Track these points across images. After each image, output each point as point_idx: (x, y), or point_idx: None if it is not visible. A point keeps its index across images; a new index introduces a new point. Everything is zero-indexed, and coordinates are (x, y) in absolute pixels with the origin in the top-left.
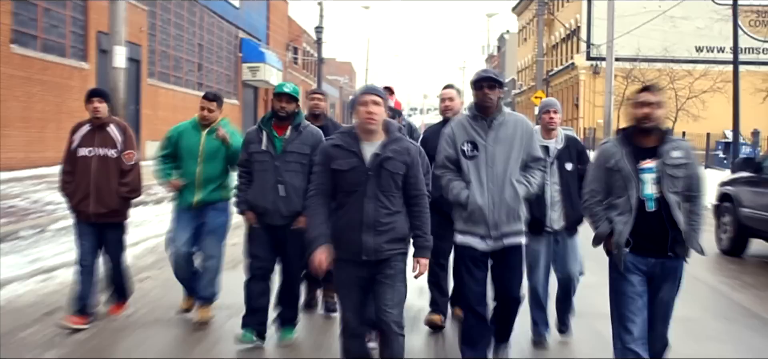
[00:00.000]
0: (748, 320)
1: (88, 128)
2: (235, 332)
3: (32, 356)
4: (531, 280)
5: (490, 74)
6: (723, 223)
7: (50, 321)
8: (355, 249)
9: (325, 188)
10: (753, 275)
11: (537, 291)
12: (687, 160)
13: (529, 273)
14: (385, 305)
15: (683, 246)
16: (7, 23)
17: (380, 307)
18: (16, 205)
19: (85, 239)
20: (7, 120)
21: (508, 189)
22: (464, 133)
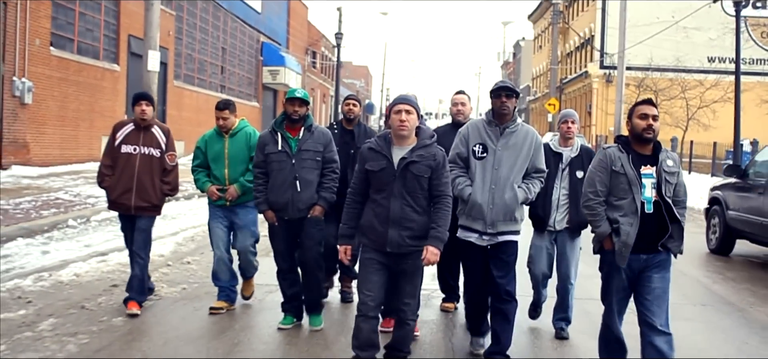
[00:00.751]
0: (721, 306)
1: (133, 127)
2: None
3: (106, 317)
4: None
5: (508, 84)
6: (712, 225)
7: (117, 292)
8: (381, 241)
9: (362, 188)
10: (735, 271)
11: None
12: (677, 168)
13: (532, 264)
14: (403, 297)
15: (676, 243)
16: (47, 27)
17: (398, 298)
18: (61, 198)
19: (128, 230)
20: (44, 118)
21: (508, 192)
22: (478, 135)
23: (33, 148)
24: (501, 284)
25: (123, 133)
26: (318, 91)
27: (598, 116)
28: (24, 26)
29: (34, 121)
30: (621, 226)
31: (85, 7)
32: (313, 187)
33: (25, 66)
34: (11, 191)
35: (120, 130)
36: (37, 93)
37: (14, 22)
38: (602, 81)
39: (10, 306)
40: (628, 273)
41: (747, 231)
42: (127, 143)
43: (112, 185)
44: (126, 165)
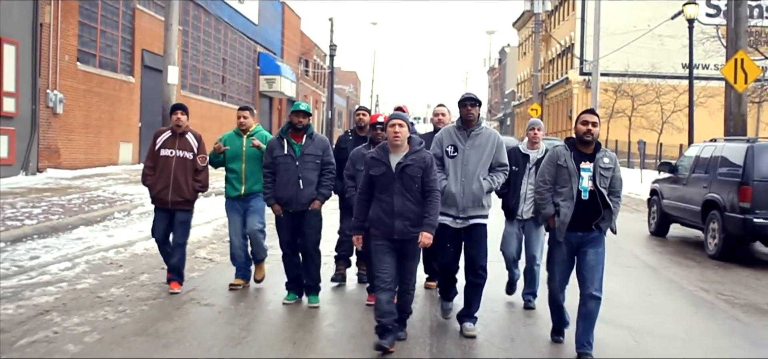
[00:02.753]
0: (641, 268)
1: (170, 134)
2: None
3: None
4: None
5: (471, 96)
6: (652, 212)
7: None
8: (389, 231)
9: (369, 189)
10: (664, 247)
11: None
12: (612, 165)
13: (504, 248)
14: (406, 273)
15: (606, 224)
16: (74, 44)
17: (403, 274)
18: (101, 196)
19: (160, 223)
20: (71, 126)
21: (476, 184)
22: (449, 138)
23: (63, 153)
24: (476, 260)
25: (162, 139)
26: (310, 97)
27: None
28: (55, 44)
29: (64, 129)
30: (560, 208)
31: (105, 25)
32: (314, 185)
33: (56, 79)
34: (58, 190)
35: (159, 136)
36: (66, 104)
37: (48, 41)
38: (582, 87)
39: (110, 268)
40: (568, 247)
41: (677, 216)
42: (165, 147)
43: (153, 183)
44: (164, 166)
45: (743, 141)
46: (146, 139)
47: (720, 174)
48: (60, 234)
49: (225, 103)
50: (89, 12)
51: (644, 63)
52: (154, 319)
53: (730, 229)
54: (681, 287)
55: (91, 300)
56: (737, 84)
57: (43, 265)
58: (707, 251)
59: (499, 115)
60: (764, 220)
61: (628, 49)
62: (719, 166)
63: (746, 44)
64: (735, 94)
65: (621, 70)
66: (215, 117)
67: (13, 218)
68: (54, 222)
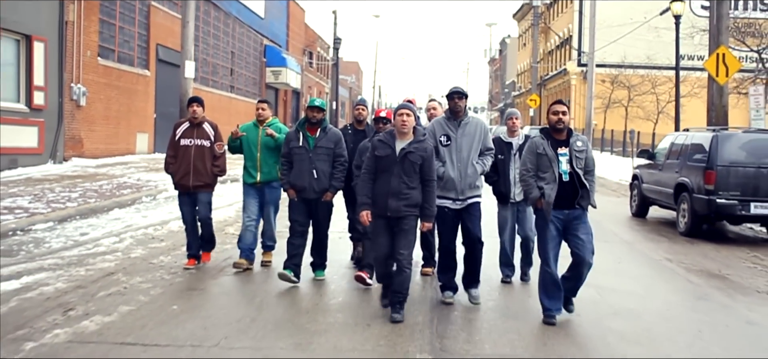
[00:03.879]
0: (617, 243)
1: (188, 125)
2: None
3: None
4: (501, 238)
5: (459, 89)
6: (633, 195)
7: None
8: (384, 207)
9: (373, 168)
10: (642, 226)
11: (505, 248)
12: (585, 147)
13: (500, 232)
14: (399, 248)
15: (586, 201)
16: (95, 40)
17: (396, 249)
18: (127, 182)
19: (185, 206)
20: (93, 118)
21: (470, 168)
22: (441, 128)
23: (86, 143)
24: (472, 231)
25: (181, 130)
26: (315, 88)
27: (576, 111)
28: (79, 41)
29: (87, 121)
30: (545, 190)
31: (123, 22)
32: (327, 175)
33: (80, 74)
34: (87, 177)
35: (179, 127)
36: (88, 96)
37: (72, 38)
38: (579, 78)
39: (153, 241)
40: (556, 225)
41: (654, 198)
42: (184, 137)
43: (175, 170)
44: (184, 154)
45: (709, 130)
46: (161, 130)
47: (689, 160)
48: (99, 215)
49: (233, 94)
50: (109, 9)
51: (640, 54)
52: (201, 279)
53: (697, 209)
54: (649, 258)
55: (145, 266)
56: (719, 77)
57: (94, 240)
58: (678, 228)
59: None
60: (726, 200)
61: (624, 41)
62: (689, 153)
63: (727, 40)
64: (717, 86)
65: (618, 62)
66: (224, 108)
67: (55, 201)
68: (92, 204)
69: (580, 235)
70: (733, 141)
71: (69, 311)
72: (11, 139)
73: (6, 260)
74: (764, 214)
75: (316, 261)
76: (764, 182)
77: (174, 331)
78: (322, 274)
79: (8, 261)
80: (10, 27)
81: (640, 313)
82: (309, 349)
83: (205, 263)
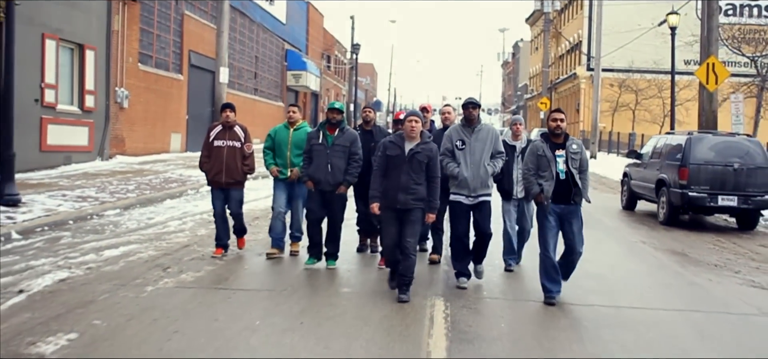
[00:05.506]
0: (601, 229)
1: (221, 128)
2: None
3: (263, 225)
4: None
5: (473, 100)
6: (623, 191)
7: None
8: (394, 200)
9: (384, 166)
10: (628, 217)
11: (509, 235)
12: (580, 150)
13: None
14: (406, 236)
15: (580, 197)
16: (136, 48)
17: (403, 237)
18: (171, 177)
19: (217, 200)
20: (133, 119)
21: (482, 169)
22: (457, 134)
23: (127, 142)
24: (483, 226)
25: (214, 132)
26: (332, 91)
27: (585, 114)
28: (123, 48)
29: (128, 121)
30: (544, 186)
31: (160, 30)
32: (341, 170)
33: (123, 78)
34: (136, 173)
35: (213, 130)
36: (130, 99)
37: (117, 45)
38: (589, 82)
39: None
40: (554, 218)
41: (641, 193)
42: (217, 139)
43: (209, 169)
44: (217, 154)
45: (685, 133)
46: (193, 130)
47: (669, 159)
48: (156, 204)
49: (257, 96)
50: (148, 19)
51: (648, 59)
52: (256, 251)
53: (673, 201)
54: (626, 240)
55: (213, 241)
56: (709, 84)
57: (161, 222)
58: (658, 218)
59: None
60: (697, 194)
61: (632, 46)
62: (668, 153)
63: (717, 50)
64: (707, 93)
65: (625, 66)
66: (248, 110)
67: (116, 192)
68: (148, 195)
69: (573, 228)
70: (704, 142)
71: (167, 269)
72: (67, 138)
73: (98, 236)
74: (730, 206)
75: (329, 250)
76: (730, 178)
77: (251, 282)
78: (334, 264)
79: (101, 237)
80: (67, 37)
81: (607, 277)
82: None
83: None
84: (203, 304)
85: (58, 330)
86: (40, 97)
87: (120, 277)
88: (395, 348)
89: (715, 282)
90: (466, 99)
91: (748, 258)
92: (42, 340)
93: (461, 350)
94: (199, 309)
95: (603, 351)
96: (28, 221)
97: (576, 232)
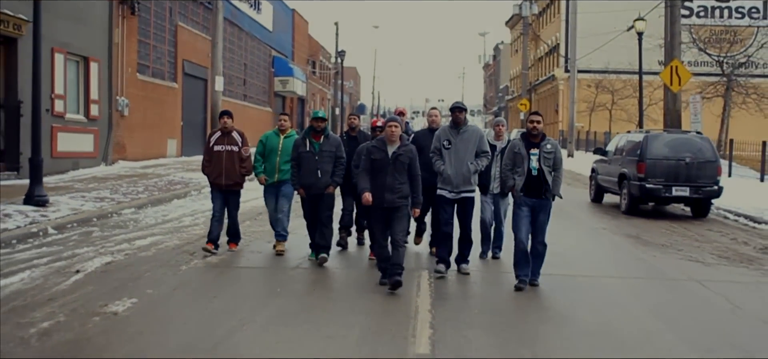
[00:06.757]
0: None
1: (219, 134)
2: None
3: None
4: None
5: (460, 104)
6: (591, 185)
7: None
8: (381, 200)
9: (368, 168)
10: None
11: (486, 225)
12: (554, 150)
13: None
14: (396, 231)
15: (550, 192)
16: (134, 58)
17: (393, 232)
18: (174, 179)
19: (217, 200)
20: (133, 126)
21: (465, 167)
22: (445, 135)
23: (128, 147)
24: (465, 222)
25: (214, 138)
26: (318, 95)
27: (564, 114)
28: (123, 59)
29: (128, 128)
30: (517, 181)
31: (156, 41)
32: (328, 174)
33: (123, 88)
34: (141, 176)
35: (212, 136)
36: (130, 107)
37: (117, 57)
38: (567, 83)
39: None
40: (526, 210)
41: (606, 186)
42: (217, 144)
43: (210, 172)
44: (217, 158)
45: (643, 132)
46: (188, 135)
47: (629, 155)
48: (165, 204)
49: (246, 102)
50: (145, 31)
51: (623, 60)
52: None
53: (633, 192)
54: (589, 226)
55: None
56: (673, 86)
57: (176, 218)
58: (621, 209)
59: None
60: (653, 185)
61: (608, 48)
62: (629, 150)
63: (680, 54)
64: (671, 94)
65: (602, 67)
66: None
67: (128, 194)
68: (157, 196)
69: (539, 221)
70: (659, 140)
71: (193, 254)
72: (75, 144)
73: (125, 230)
74: (683, 196)
75: (320, 244)
76: (682, 171)
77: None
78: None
79: (127, 231)
80: (74, 51)
81: (567, 254)
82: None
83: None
84: (231, 278)
85: (120, 296)
86: (50, 107)
87: (156, 260)
88: (390, 303)
89: (658, 257)
90: (453, 103)
91: (693, 240)
92: (111, 303)
93: (442, 304)
94: (229, 281)
95: (553, 305)
96: (60, 218)
97: (541, 224)
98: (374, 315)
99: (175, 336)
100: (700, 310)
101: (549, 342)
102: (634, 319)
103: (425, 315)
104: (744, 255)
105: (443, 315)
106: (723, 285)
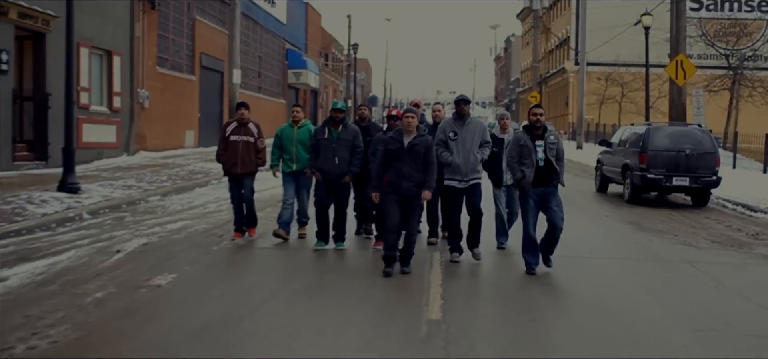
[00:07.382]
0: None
1: (236, 124)
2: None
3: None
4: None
5: (464, 97)
6: (597, 175)
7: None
8: (398, 188)
9: (384, 159)
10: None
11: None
12: (557, 141)
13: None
14: (410, 220)
15: (557, 180)
16: (154, 52)
17: (407, 220)
18: (194, 169)
19: (234, 189)
20: (153, 117)
21: (471, 157)
22: (450, 127)
23: (148, 138)
24: (475, 205)
25: (230, 128)
26: (330, 87)
27: (573, 106)
28: (143, 52)
29: (149, 120)
30: (526, 172)
31: (175, 34)
32: (346, 161)
33: (144, 80)
34: (163, 166)
35: (228, 126)
36: (150, 99)
37: (139, 50)
38: (577, 76)
39: None
40: (535, 199)
41: (611, 177)
42: (233, 134)
43: (225, 161)
44: (233, 148)
45: (645, 124)
46: (205, 127)
47: (632, 146)
48: (188, 192)
49: (261, 94)
50: (164, 24)
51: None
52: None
53: (635, 182)
54: (593, 213)
55: None
56: (678, 79)
57: (201, 205)
58: (624, 198)
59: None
60: (655, 175)
61: (618, 41)
62: (632, 141)
63: (685, 48)
64: (676, 87)
65: (612, 60)
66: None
67: (153, 182)
68: (180, 184)
69: (552, 207)
70: (660, 132)
71: (221, 237)
72: (99, 135)
73: (154, 215)
74: (683, 185)
75: (337, 233)
76: (683, 162)
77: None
78: (343, 245)
79: (157, 216)
80: (98, 45)
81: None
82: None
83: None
84: (259, 257)
85: (160, 272)
86: (76, 99)
87: (188, 241)
88: (405, 280)
89: (655, 241)
90: (457, 96)
91: (690, 227)
92: (153, 278)
93: (452, 280)
94: (257, 260)
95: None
96: (93, 204)
97: (556, 210)
98: (390, 290)
99: (214, 304)
100: (686, 287)
101: (547, 310)
102: (626, 293)
103: (437, 289)
104: (735, 241)
105: (453, 288)
106: (711, 266)
